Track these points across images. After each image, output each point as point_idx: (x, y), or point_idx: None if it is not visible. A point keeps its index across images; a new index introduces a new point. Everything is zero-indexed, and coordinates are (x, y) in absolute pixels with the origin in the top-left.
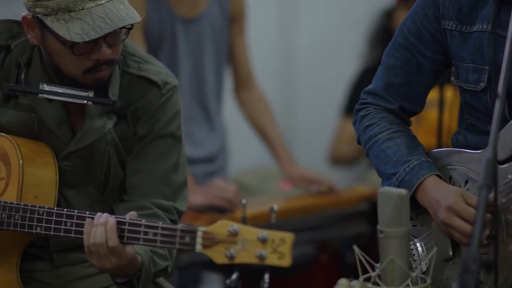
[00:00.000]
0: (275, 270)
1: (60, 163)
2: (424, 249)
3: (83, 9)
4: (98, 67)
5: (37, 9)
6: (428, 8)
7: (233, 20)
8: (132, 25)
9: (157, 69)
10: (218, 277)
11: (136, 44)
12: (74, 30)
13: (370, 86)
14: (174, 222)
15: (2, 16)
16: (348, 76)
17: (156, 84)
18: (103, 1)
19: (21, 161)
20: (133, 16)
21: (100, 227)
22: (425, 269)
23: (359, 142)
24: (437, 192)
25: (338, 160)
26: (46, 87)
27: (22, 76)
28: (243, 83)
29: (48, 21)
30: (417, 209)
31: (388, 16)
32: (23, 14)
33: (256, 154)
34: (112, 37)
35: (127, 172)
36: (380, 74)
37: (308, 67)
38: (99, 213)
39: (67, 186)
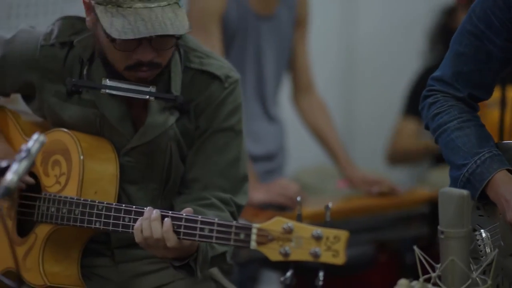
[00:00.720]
0: (333, 269)
1: (122, 159)
2: (490, 240)
3: (130, 7)
4: (140, 67)
5: None
6: None
7: (298, 24)
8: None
9: (219, 63)
10: (276, 275)
11: (211, 34)
12: (115, 26)
13: (438, 73)
14: (232, 214)
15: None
16: (409, 76)
17: (218, 78)
18: (152, 5)
19: (81, 157)
20: (178, 27)
21: (154, 223)
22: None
23: (427, 128)
24: (507, 190)
25: (395, 160)
26: (109, 83)
27: (85, 72)
28: (303, 89)
29: (98, 10)
30: (485, 200)
31: (449, 14)
32: None
33: (316, 152)
34: (158, 42)
35: (187, 165)
36: (448, 61)
37: (368, 67)
38: (149, 208)
39: (128, 182)
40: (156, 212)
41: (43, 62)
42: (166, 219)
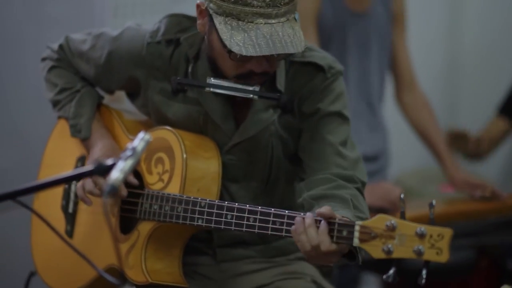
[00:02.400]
0: (433, 273)
1: (224, 157)
2: None
3: (252, 22)
4: (251, 76)
5: (211, 5)
6: None
7: (395, 21)
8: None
9: (322, 55)
10: (376, 278)
11: (308, 33)
12: (236, 40)
13: None
14: (359, 190)
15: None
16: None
17: (321, 69)
18: (273, 21)
19: (185, 155)
20: (297, 44)
21: (310, 229)
22: None
23: None
24: None
25: (473, 156)
26: (213, 81)
27: (190, 70)
28: (405, 86)
29: (217, 20)
30: None
31: None
32: (198, 1)
33: (418, 155)
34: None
35: (300, 152)
36: None
37: (473, 69)
38: (297, 220)
39: (230, 180)
40: (309, 219)
41: (149, 60)
42: (322, 222)
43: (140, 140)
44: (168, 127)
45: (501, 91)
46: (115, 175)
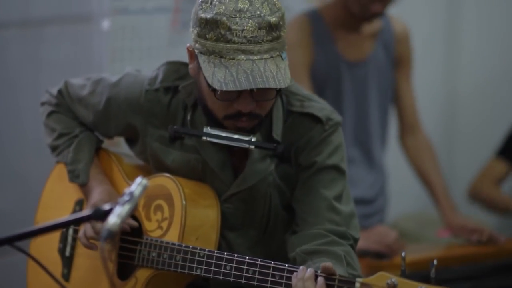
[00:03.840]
0: None
1: (222, 205)
2: None
3: (233, 59)
4: (239, 117)
5: (197, 45)
6: None
7: (399, 64)
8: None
9: (320, 106)
10: None
11: (301, 84)
12: (217, 77)
13: None
14: (351, 247)
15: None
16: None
17: (319, 120)
18: (255, 58)
19: (184, 202)
20: (280, 80)
21: (308, 282)
22: None
23: None
24: None
25: (474, 199)
26: (210, 130)
27: (188, 118)
28: (408, 128)
29: (201, 59)
30: None
31: None
32: (188, 44)
33: (417, 199)
34: (259, 93)
35: (294, 203)
36: None
37: (471, 111)
38: (302, 267)
39: (228, 228)
40: (310, 271)
41: (147, 107)
42: (319, 279)
43: (137, 185)
44: (168, 174)
45: (498, 133)
46: (112, 220)
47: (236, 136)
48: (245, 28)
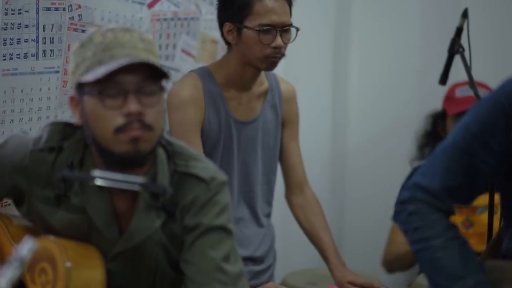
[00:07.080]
0: None
1: (108, 264)
2: None
3: (112, 56)
4: (130, 124)
5: (80, 78)
6: (499, 119)
7: (286, 123)
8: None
9: (204, 166)
10: None
11: (191, 141)
12: (97, 73)
13: (424, 182)
14: None
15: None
16: (399, 179)
17: (203, 180)
18: (132, 51)
19: (68, 265)
20: (154, 62)
21: None
22: None
23: (405, 233)
24: None
25: (390, 267)
26: (98, 173)
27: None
28: (296, 187)
29: (83, 77)
30: None
31: (436, 118)
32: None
33: (306, 256)
34: (139, 94)
35: (182, 264)
36: (438, 174)
37: (358, 170)
38: None
39: None
40: None
41: (32, 167)
42: None
43: (24, 247)
44: (51, 237)
45: (387, 192)
46: (1, 285)
47: (124, 179)
48: (119, 35)
